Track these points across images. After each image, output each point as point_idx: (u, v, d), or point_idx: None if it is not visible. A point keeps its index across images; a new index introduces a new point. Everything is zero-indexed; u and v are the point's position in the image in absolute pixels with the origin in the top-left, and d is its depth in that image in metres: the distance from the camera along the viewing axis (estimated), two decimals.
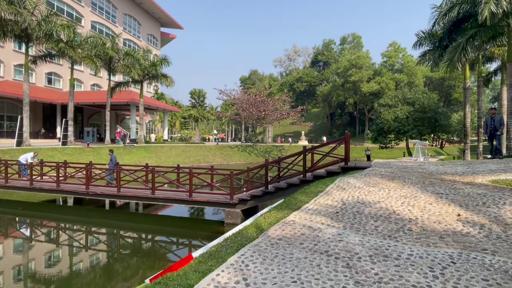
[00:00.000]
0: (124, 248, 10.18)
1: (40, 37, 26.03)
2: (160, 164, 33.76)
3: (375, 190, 6.08)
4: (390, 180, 6.97)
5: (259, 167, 11.68)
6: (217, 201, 11.53)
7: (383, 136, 35.88)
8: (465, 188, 6.02)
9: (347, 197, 5.73)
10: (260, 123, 51.14)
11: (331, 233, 4.23)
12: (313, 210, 5.20)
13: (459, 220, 4.58)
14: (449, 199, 5.40)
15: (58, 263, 8.63)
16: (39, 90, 42.52)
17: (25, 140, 26.56)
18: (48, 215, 14.12)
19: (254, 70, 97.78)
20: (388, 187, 6.36)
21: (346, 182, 6.81)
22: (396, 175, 7.64)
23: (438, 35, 23.42)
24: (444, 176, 7.33)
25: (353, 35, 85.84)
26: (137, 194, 12.63)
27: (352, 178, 7.25)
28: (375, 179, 7.18)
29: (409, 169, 8.83)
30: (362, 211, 5.06)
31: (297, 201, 5.88)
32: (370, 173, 8.02)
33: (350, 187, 6.43)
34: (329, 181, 7.22)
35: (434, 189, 5.99)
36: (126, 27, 64.52)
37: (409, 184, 6.49)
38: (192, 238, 11.24)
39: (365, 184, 6.67)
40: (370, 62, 68.86)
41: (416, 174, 7.80)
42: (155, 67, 34.79)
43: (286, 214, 5.17)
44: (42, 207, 15.22)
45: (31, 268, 8.14)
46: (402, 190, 6.05)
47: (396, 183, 6.66)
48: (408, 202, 5.36)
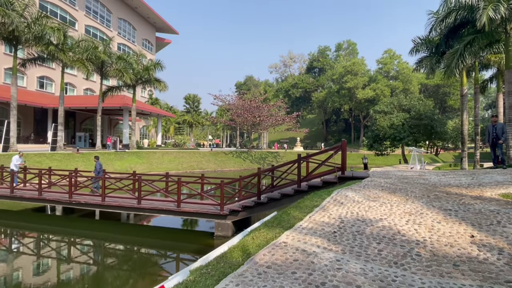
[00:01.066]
0: (104, 263, 9.47)
1: (29, 39, 25.35)
2: (152, 170, 33.01)
3: (376, 205, 5.51)
4: (391, 193, 6.42)
5: (252, 176, 11.07)
6: (207, 212, 10.89)
7: (379, 143, 35.47)
8: (475, 203, 5.47)
9: (346, 214, 5.15)
10: (255, 129, 50.62)
11: (328, 259, 3.64)
12: (307, 229, 4.61)
13: (473, 243, 4.02)
14: (459, 217, 4.85)
15: (28, 277, 7.91)
16: (30, 94, 41.65)
17: (12, 145, 25.71)
18: (28, 225, 13.32)
19: (250, 75, 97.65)
20: (390, 201, 5.80)
21: (344, 196, 6.24)
22: (398, 187, 7.09)
23: (435, 42, 23.17)
24: (449, 188, 6.80)
25: (349, 42, 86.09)
26: (122, 204, 11.94)
27: (350, 191, 6.68)
28: (375, 192, 6.62)
29: (410, 180, 8.29)
30: (362, 230, 4.48)
31: (290, 217, 5.29)
32: (369, 185, 7.47)
33: (348, 201, 5.86)
34: (325, 194, 6.65)
35: (441, 205, 5.44)
36: (120, 31, 64.00)
37: (413, 198, 5.94)
38: (180, 251, 10.58)
39: (365, 197, 6.10)
40: (365, 69, 68.89)
41: (419, 186, 7.26)
42: (148, 72, 34.17)
43: (278, 234, 4.58)
44: (25, 216, 14.44)
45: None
46: (405, 205, 5.49)
47: (399, 197, 6.10)
48: (413, 220, 4.80)
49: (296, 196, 10.14)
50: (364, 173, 10.51)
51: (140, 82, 35.85)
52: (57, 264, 9.16)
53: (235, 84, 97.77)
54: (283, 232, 4.58)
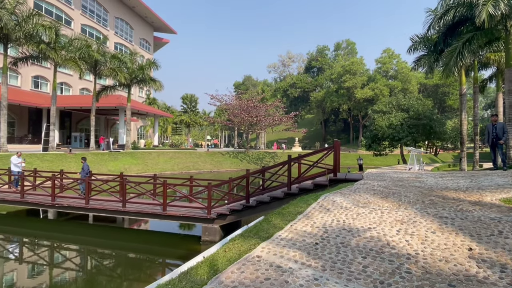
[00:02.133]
0: (85, 269, 8.98)
1: (20, 37, 24.84)
2: (147, 171, 32.50)
3: (365, 212, 5.02)
4: (383, 198, 5.93)
5: (241, 178, 10.58)
6: (194, 215, 10.39)
7: (377, 143, 34.99)
8: (474, 210, 4.98)
9: (331, 222, 4.66)
10: (252, 129, 50.12)
11: (305, 278, 3.15)
12: (286, 240, 4.12)
13: (471, 257, 3.53)
14: (456, 225, 4.36)
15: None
16: (25, 93, 41.14)
17: (2, 145, 25.16)
18: (9, 228, 12.81)
19: (248, 75, 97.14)
20: (381, 207, 5.31)
21: (332, 201, 5.74)
22: (391, 191, 6.60)
23: (433, 40, 22.70)
24: (446, 192, 6.31)
25: (347, 41, 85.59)
26: (107, 207, 11.45)
27: (338, 196, 6.18)
28: (366, 196, 6.13)
29: (406, 183, 7.80)
30: (348, 242, 3.99)
31: (270, 225, 4.80)
32: (360, 188, 6.97)
33: (335, 207, 5.36)
34: (311, 199, 6.15)
35: (436, 211, 4.95)
36: (117, 31, 63.45)
37: (406, 204, 5.45)
38: (166, 256, 10.12)
39: (354, 203, 5.61)
40: (364, 68, 68.38)
41: (414, 189, 6.77)
42: (143, 71, 33.65)
43: (253, 246, 4.09)
44: (9, 220, 13.93)
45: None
46: (397, 212, 4.99)
47: (391, 203, 5.61)
48: (405, 229, 4.31)
49: (286, 200, 9.65)
50: (358, 175, 10.03)
51: (135, 82, 35.33)
52: (34, 270, 8.65)
53: (234, 84, 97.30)
54: (259, 243, 4.09)
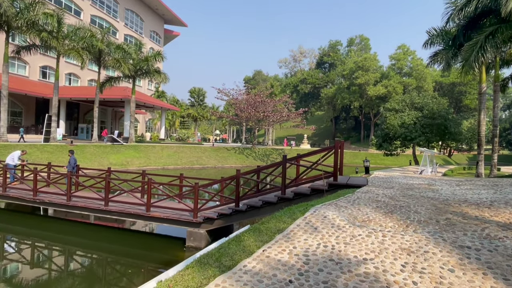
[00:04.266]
0: (60, 272, 8.19)
1: (22, 25, 24.27)
2: (149, 165, 31.83)
3: (362, 235, 3.94)
4: (387, 215, 4.82)
5: (230, 178, 9.56)
6: (179, 218, 9.45)
7: (388, 143, 33.46)
8: (505, 236, 3.85)
9: (316, 247, 3.59)
10: (260, 125, 49.01)
11: None
12: (252, 273, 3.08)
13: None
14: (483, 261, 3.24)
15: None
16: (32, 83, 40.94)
17: (2, 135, 24.77)
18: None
19: (259, 70, 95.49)
20: (384, 228, 4.22)
21: (322, 216, 4.66)
22: (398, 204, 5.47)
23: (452, 33, 21.11)
24: (466, 208, 5.16)
25: (361, 37, 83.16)
26: (88, 205, 10.61)
27: (332, 209, 5.09)
28: (366, 210, 5.03)
29: (416, 192, 6.63)
30: (333, 281, 2.92)
31: (238, 248, 3.78)
32: (361, 198, 5.87)
33: (325, 225, 4.29)
34: (299, 211, 5.06)
35: (455, 237, 3.83)
36: (128, 22, 62.94)
37: (416, 224, 4.34)
38: (147, 261, 9.19)
39: (350, 220, 4.52)
40: (377, 65, 66.21)
41: (426, 202, 5.62)
42: (147, 62, 32.83)
43: (206, 280, 3.07)
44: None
45: None
46: (404, 236, 3.89)
47: (396, 221, 4.51)
48: (413, 264, 3.21)
49: (280, 205, 8.60)
50: (361, 180, 8.88)
51: (140, 74, 34.57)
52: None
53: (244, 79, 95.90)
54: (216, 276, 3.07)
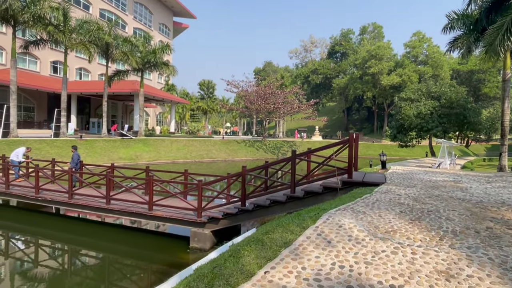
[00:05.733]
0: (62, 272, 7.84)
1: (28, 20, 24.01)
2: (159, 159, 31.60)
3: (386, 251, 3.25)
4: (414, 223, 4.11)
5: (236, 175, 8.95)
6: (182, 218, 8.92)
7: (403, 134, 32.22)
8: None
9: (330, 268, 2.94)
10: (270, 117, 48.19)
11: None
12: None
13: None
14: None
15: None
16: (43, 79, 41.10)
17: (12, 131, 24.79)
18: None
19: (269, 61, 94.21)
20: (412, 242, 3.52)
21: (337, 225, 3.98)
22: (425, 209, 4.74)
23: (474, 17, 19.76)
24: (507, 212, 4.40)
25: (374, 25, 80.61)
26: (90, 203, 10.20)
27: (348, 215, 4.38)
28: (388, 217, 4.33)
29: (443, 192, 5.86)
30: None
31: (236, 267, 3.15)
32: (381, 200, 5.15)
33: (341, 237, 3.61)
34: (309, 217, 4.37)
35: (504, 256, 3.11)
36: (136, 15, 62.58)
37: (451, 236, 3.63)
38: (151, 262, 8.75)
39: (370, 231, 3.83)
40: (391, 53, 64.05)
41: (457, 205, 4.87)
42: (155, 55, 32.34)
43: None
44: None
45: None
46: (439, 253, 3.19)
47: (427, 232, 3.80)
48: None
49: (289, 204, 7.96)
50: (379, 176, 8.13)
51: (148, 66, 34.13)
52: None
53: (254, 70, 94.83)
54: None
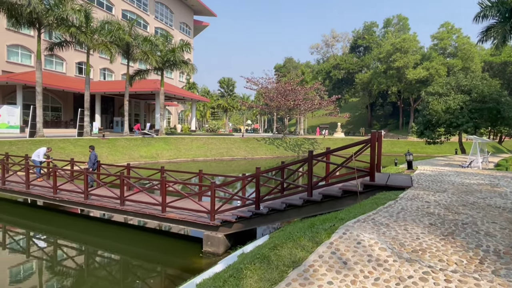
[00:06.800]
0: (65, 270, 7.80)
1: (52, 22, 24.65)
2: (179, 157, 31.78)
3: (414, 277, 2.71)
4: (447, 239, 3.53)
5: (251, 177, 8.53)
6: (195, 220, 8.63)
7: (431, 130, 30.64)
8: None
9: None
10: (291, 114, 47.43)
11: None
12: None
13: None
14: None
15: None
16: (69, 79, 42.44)
17: (38, 131, 25.59)
18: (16, 219, 12.18)
19: (289, 57, 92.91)
20: (445, 265, 2.95)
21: (355, 241, 3.45)
22: (459, 220, 4.12)
23: (510, 3, 18.32)
24: None
25: (399, 17, 77.59)
26: (105, 204, 10.14)
27: (369, 229, 3.81)
28: (416, 231, 3.75)
29: (479, 198, 5.18)
30: None
31: None
32: (407, 209, 4.56)
33: (359, 257, 3.10)
34: (323, 230, 3.85)
35: None
36: (158, 15, 63.47)
37: (494, 257, 3.04)
38: (164, 265, 8.55)
39: (394, 249, 3.28)
40: (417, 46, 61.36)
41: (497, 215, 4.22)
42: (174, 53, 32.45)
43: None
44: (16, 210, 13.41)
45: None
46: (480, 283, 2.63)
47: (464, 251, 3.22)
48: None
49: (306, 208, 7.46)
50: (404, 179, 7.46)
51: (168, 65, 34.34)
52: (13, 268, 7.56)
53: (274, 67, 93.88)
54: None
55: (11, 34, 34.54)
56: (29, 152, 18.57)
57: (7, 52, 35.03)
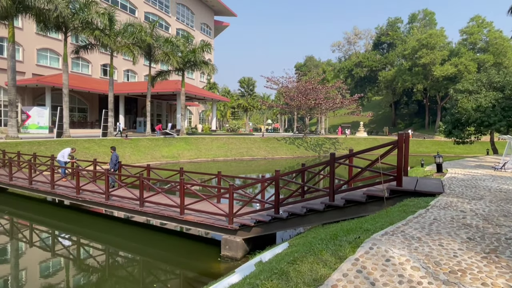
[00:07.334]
0: (82, 269, 7.91)
1: (77, 26, 25.41)
2: (200, 157, 31.97)
3: None
4: (489, 257, 3.13)
5: (270, 179, 8.28)
6: (213, 224, 8.48)
7: (460, 129, 29.18)
8: None
9: None
10: (311, 113, 46.72)
11: None
12: None
13: None
14: None
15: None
16: (94, 81, 43.68)
17: (65, 131, 26.45)
18: (41, 218, 12.53)
19: (310, 56, 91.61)
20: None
21: (383, 258, 3.11)
22: (501, 234, 3.69)
23: None
24: None
25: (425, 12, 74.69)
26: (124, 205, 10.21)
27: (398, 243, 3.42)
28: (452, 246, 3.37)
29: None
30: None
31: None
32: (441, 220, 4.16)
33: (389, 277, 2.76)
34: (347, 243, 3.50)
35: None
36: (179, 16, 64.30)
37: None
38: (182, 267, 8.50)
39: (429, 269, 2.91)
40: (445, 41, 58.76)
41: None
42: (194, 54, 32.67)
43: None
44: (43, 209, 13.81)
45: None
46: None
47: (510, 273, 2.82)
48: None
49: (328, 214, 7.11)
50: (435, 184, 6.96)
51: (188, 66, 34.65)
52: (35, 266, 7.73)
53: (295, 66, 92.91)
54: None
55: (41, 38, 35.94)
56: (55, 152, 19.14)
57: (37, 56, 36.50)
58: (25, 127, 31.98)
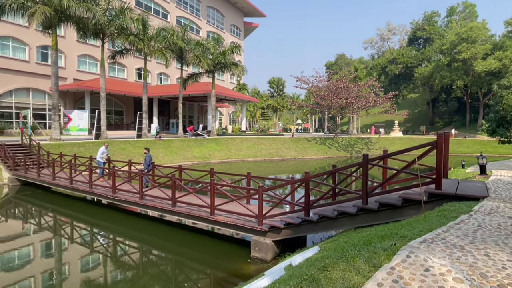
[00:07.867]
0: (116, 266, 8.19)
1: (113, 32, 26.64)
2: (230, 157, 32.30)
3: None
4: None
5: (300, 181, 8.14)
6: (243, 225, 8.48)
7: (505, 128, 27.25)
8: None
9: None
10: (343, 113, 45.66)
11: None
12: None
13: None
14: None
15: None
16: (129, 85, 45.55)
17: (102, 133, 27.78)
18: (77, 214, 13.24)
19: (341, 54, 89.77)
20: None
21: (422, 268, 2.88)
22: None
23: None
24: None
25: (465, 4, 70.53)
26: (157, 205, 10.51)
27: (439, 252, 3.17)
28: (500, 257, 3.08)
29: None
30: None
31: None
32: (485, 227, 3.84)
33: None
34: (382, 250, 3.30)
35: None
36: (209, 19, 65.43)
37: None
38: (212, 267, 8.59)
39: (473, 281, 2.66)
40: (487, 34, 55.10)
41: None
42: (224, 56, 33.08)
43: None
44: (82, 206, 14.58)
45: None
46: None
47: None
48: None
49: (361, 217, 6.86)
50: (478, 188, 6.48)
51: (219, 68, 35.16)
52: (70, 261, 8.16)
53: (325, 64, 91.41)
54: None
55: (80, 45, 38.10)
56: (94, 153, 20.15)
57: (77, 62, 38.74)
58: (67, 129, 33.99)
